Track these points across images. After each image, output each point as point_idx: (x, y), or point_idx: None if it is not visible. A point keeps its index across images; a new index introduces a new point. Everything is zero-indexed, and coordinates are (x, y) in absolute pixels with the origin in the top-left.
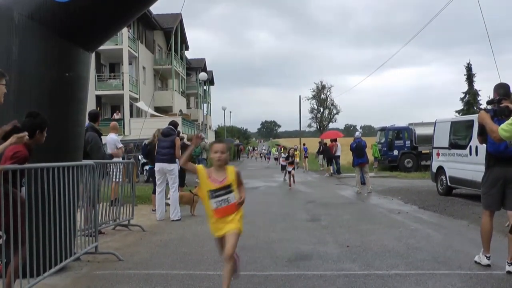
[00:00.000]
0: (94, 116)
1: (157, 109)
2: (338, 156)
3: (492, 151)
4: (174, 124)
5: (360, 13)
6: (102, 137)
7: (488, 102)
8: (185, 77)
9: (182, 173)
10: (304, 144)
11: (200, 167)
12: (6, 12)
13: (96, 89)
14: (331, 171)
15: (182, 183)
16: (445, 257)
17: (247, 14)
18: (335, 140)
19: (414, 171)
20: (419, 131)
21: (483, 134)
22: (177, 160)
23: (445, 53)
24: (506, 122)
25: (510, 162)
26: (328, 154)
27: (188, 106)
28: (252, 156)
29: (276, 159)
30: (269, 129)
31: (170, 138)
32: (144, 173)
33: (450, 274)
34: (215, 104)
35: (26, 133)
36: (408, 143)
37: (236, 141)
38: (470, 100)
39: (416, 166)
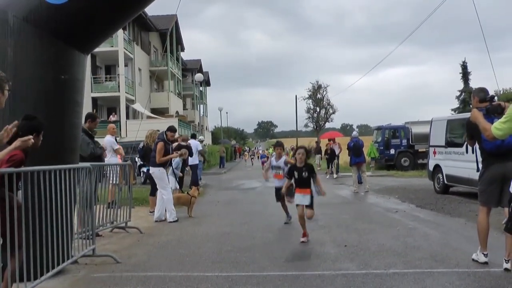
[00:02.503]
0: (85, 118)
1: (153, 110)
2: (337, 156)
3: (489, 148)
4: (167, 128)
5: (355, 12)
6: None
7: (481, 101)
8: (181, 78)
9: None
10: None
11: None
12: (0, 14)
13: (92, 91)
14: (331, 172)
15: (180, 185)
16: (443, 255)
17: (242, 14)
18: (333, 140)
19: (411, 169)
20: (416, 129)
21: (473, 138)
22: (176, 161)
23: (440, 52)
24: (499, 120)
25: (507, 157)
26: (332, 157)
27: (184, 107)
28: (243, 158)
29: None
30: (265, 130)
31: (156, 142)
32: (141, 175)
33: (448, 272)
34: (212, 105)
35: (30, 137)
36: (404, 141)
37: (233, 142)
38: (466, 98)
39: (413, 165)
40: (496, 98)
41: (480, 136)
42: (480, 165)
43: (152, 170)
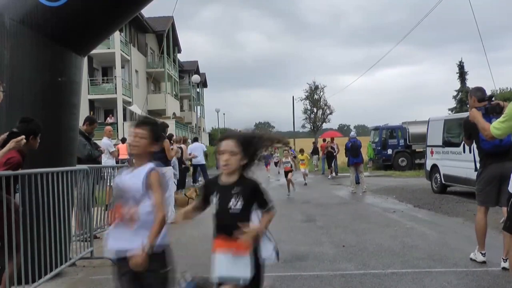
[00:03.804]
0: (84, 121)
1: (150, 112)
2: (335, 157)
3: (487, 148)
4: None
5: (351, 13)
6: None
7: (480, 100)
8: (178, 80)
9: (183, 175)
10: (290, 148)
11: None
12: None
13: (89, 93)
14: (332, 174)
15: (182, 186)
16: (441, 254)
17: (238, 16)
18: (332, 140)
19: (408, 169)
20: (413, 129)
21: (471, 137)
22: (173, 162)
23: (437, 52)
24: (498, 120)
25: (505, 157)
26: (331, 158)
27: (181, 109)
28: None
29: (276, 163)
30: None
31: None
32: None
33: (446, 272)
34: (209, 106)
35: (23, 137)
36: (402, 142)
37: None
38: (463, 98)
39: (410, 165)
40: (493, 98)
41: (478, 136)
42: (478, 165)
43: (164, 170)
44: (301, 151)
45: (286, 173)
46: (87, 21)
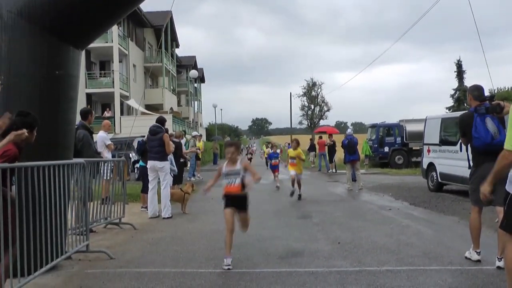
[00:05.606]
0: (84, 114)
1: (147, 107)
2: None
3: (479, 145)
4: (160, 120)
5: (350, 11)
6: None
7: (476, 99)
8: (175, 75)
9: (180, 171)
10: (288, 144)
11: None
12: None
13: (86, 87)
14: (332, 169)
15: (180, 181)
16: (436, 253)
17: (237, 12)
18: (331, 136)
19: (404, 167)
20: (410, 127)
21: (466, 136)
22: (169, 157)
23: (435, 50)
24: (507, 135)
25: (498, 156)
26: (332, 153)
27: (179, 104)
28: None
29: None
30: (260, 127)
31: (157, 136)
32: (135, 171)
33: (441, 270)
34: (206, 102)
35: (24, 130)
36: (399, 139)
37: (227, 139)
38: (461, 96)
39: (407, 163)
40: (494, 98)
41: (471, 134)
42: (471, 163)
43: (162, 164)
44: (295, 142)
45: (231, 200)
46: (85, 15)
